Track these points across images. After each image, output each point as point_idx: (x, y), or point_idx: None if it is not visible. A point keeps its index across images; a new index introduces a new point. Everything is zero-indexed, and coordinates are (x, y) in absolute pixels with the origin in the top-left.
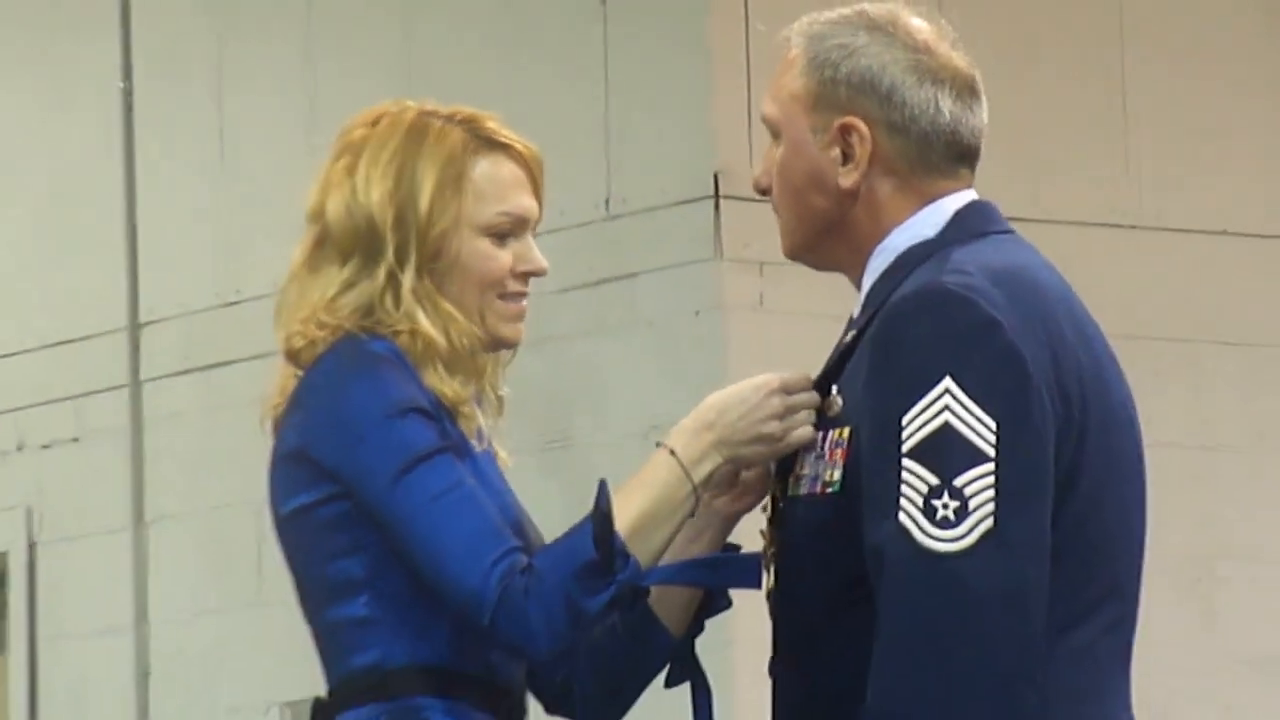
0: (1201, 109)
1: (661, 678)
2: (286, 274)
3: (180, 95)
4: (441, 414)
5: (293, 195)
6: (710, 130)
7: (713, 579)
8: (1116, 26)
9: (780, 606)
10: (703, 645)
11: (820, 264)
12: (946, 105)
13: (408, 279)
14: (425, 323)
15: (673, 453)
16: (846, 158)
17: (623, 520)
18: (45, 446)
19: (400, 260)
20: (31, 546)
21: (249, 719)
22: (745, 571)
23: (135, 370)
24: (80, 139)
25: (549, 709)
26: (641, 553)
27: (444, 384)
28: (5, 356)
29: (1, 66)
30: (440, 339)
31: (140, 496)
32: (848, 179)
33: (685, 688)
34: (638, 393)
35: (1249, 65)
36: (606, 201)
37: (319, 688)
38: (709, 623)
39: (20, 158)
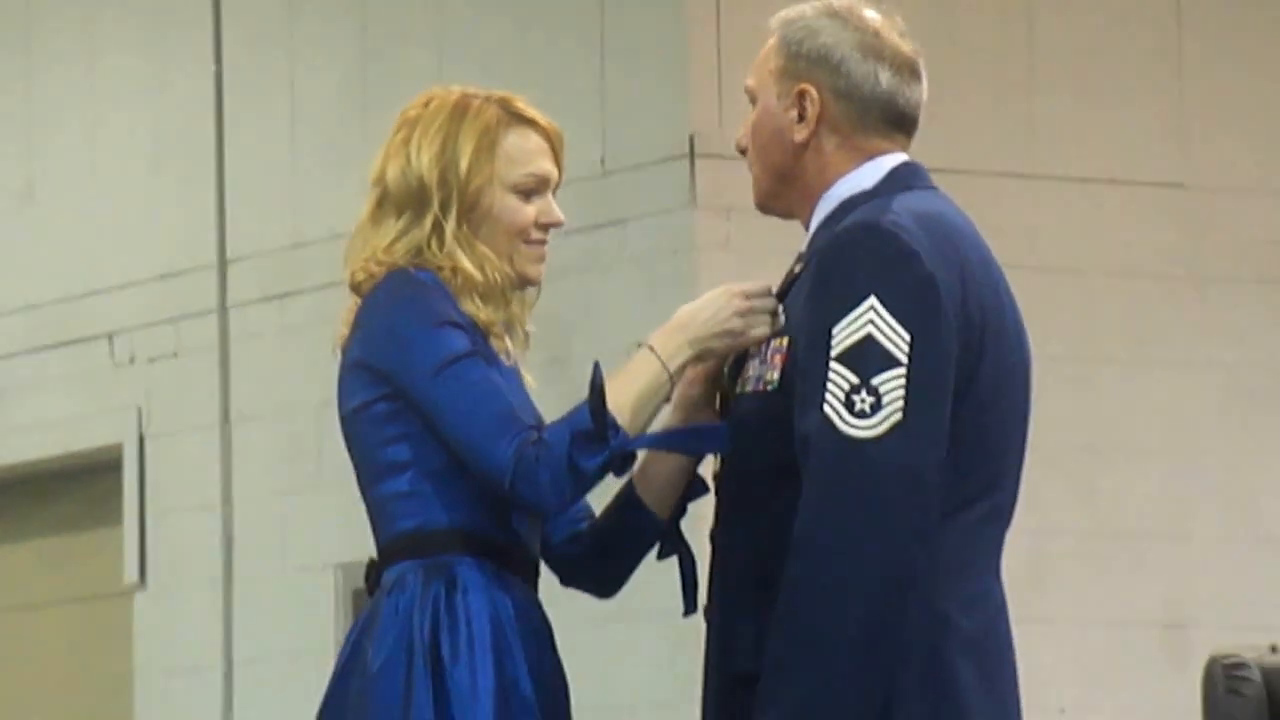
0: (1096, 79)
1: (654, 553)
2: (354, 228)
3: (260, 76)
4: (475, 332)
5: (350, 158)
6: (687, 101)
7: (689, 443)
8: (1025, 6)
9: (724, 482)
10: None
11: (782, 211)
12: (885, 78)
13: (450, 226)
14: (465, 260)
15: (651, 349)
16: (801, 117)
17: (614, 402)
18: (151, 360)
19: (444, 211)
20: (141, 439)
21: (312, 577)
22: (715, 437)
23: (223, 299)
24: (180, 111)
25: (564, 581)
26: (629, 427)
27: (479, 310)
28: (120, 288)
29: (116, 54)
30: (477, 274)
31: (227, 400)
32: (800, 134)
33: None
34: (624, 318)
35: (1140, 41)
36: (601, 160)
37: (368, 551)
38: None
39: (131, 127)
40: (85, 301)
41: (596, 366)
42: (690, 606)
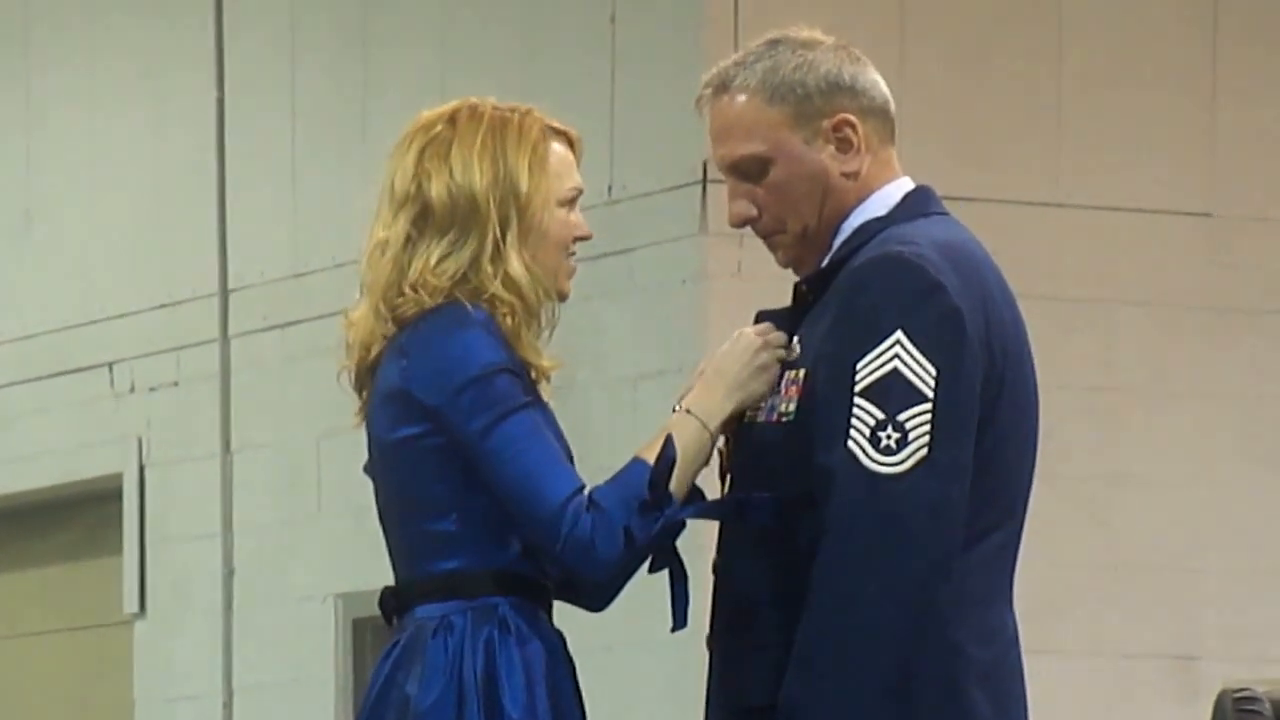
0: (1125, 108)
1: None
2: (373, 246)
3: (262, 104)
4: (525, 376)
5: (352, 187)
6: (698, 127)
7: (734, 514)
8: (1055, 37)
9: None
10: (683, 547)
11: (820, 261)
12: (880, 81)
13: (512, 249)
14: (529, 285)
15: (689, 411)
16: (843, 148)
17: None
18: (152, 389)
19: (504, 232)
20: (141, 469)
21: (311, 606)
22: (763, 508)
23: (225, 327)
24: (182, 139)
25: (556, 595)
26: (678, 493)
27: (536, 356)
28: (121, 316)
29: (117, 84)
30: (534, 297)
31: (228, 429)
32: (851, 164)
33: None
34: (632, 347)
35: (1170, 70)
36: (609, 188)
37: (367, 581)
38: (690, 534)
39: (133, 155)
40: (86, 330)
41: (669, 441)
42: (680, 622)
